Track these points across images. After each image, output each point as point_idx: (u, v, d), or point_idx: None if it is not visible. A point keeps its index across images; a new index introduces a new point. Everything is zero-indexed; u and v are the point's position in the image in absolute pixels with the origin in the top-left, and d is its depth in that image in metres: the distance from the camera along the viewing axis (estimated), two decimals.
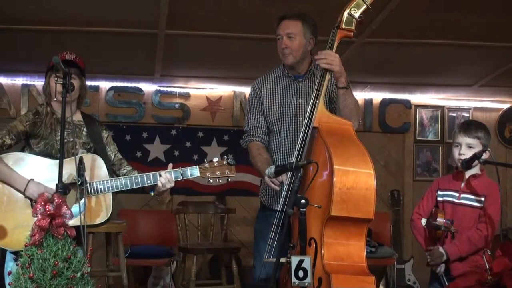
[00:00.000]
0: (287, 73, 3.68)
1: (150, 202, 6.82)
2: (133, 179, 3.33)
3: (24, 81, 6.66)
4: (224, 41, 5.44)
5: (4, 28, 5.07)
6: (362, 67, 5.98)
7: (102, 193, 3.29)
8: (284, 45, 3.56)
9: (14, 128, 3.37)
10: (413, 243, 6.67)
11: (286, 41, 3.56)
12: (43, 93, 3.64)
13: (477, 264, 3.52)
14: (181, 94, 7.02)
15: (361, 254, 3.02)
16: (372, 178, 3.01)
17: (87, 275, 2.65)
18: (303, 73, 3.66)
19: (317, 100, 3.23)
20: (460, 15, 4.76)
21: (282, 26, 3.59)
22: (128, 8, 4.74)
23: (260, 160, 3.61)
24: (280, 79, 3.71)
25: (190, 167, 3.40)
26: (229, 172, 3.41)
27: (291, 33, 3.55)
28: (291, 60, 3.59)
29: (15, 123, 3.40)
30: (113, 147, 3.62)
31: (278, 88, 3.69)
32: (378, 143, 7.24)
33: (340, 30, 3.31)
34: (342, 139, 3.15)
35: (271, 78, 3.74)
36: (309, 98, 3.53)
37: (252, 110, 3.74)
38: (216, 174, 3.40)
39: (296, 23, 3.56)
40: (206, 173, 3.38)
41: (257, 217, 3.84)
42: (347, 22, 3.29)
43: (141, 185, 3.35)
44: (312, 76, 3.65)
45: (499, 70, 6.16)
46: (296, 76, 3.67)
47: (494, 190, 3.59)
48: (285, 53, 3.58)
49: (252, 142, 3.70)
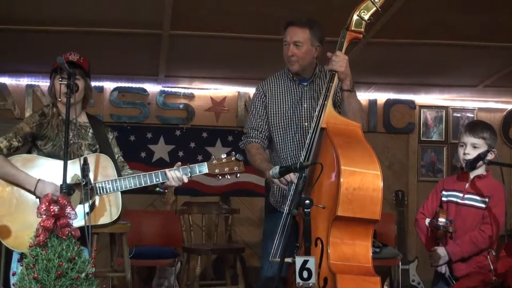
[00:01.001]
0: (292, 77, 3.66)
1: (155, 203, 6.83)
2: (141, 178, 3.32)
3: (29, 82, 6.68)
4: (228, 42, 5.44)
5: (8, 28, 5.08)
6: (367, 67, 5.98)
7: (111, 192, 3.28)
8: (290, 53, 3.54)
9: (20, 130, 3.36)
10: (418, 243, 6.67)
11: (293, 49, 3.53)
12: (48, 94, 3.64)
13: (482, 265, 3.51)
14: (185, 95, 7.03)
15: (367, 254, 3.02)
16: (379, 179, 3.01)
17: (92, 275, 2.64)
18: (309, 77, 3.65)
19: (326, 101, 3.23)
20: (464, 16, 4.76)
21: (290, 33, 3.56)
22: (132, 9, 4.75)
23: (259, 158, 3.59)
24: (285, 83, 3.69)
25: (198, 164, 3.38)
26: (238, 168, 3.38)
27: (298, 41, 3.52)
28: (297, 67, 3.58)
29: (21, 125, 3.39)
30: (117, 149, 3.62)
31: (283, 93, 3.67)
32: (383, 144, 7.23)
33: (350, 32, 3.31)
34: (350, 140, 3.15)
35: (276, 81, 3.72)
36: (315, 103, 3.53)
37: (254, 113, 3.72)
38: (225, 170, 3.37)
39: (304, 31, 3.53)
40: (215, 170, 3.37)
41: (265, 217, 3.85)
42: (357, 24, 3.30)
43: (150, 183, 3.33)
44: (317, 79, 3.64)
45: (503, 71, 6.15)
46: (301, 80, 3.65)
47: (499, 191, 3.57)
48: (291, 61, 3.56)
49: (251, 143, 3.69)
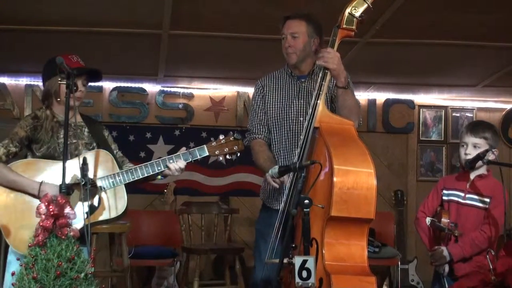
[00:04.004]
0: (291, 73, 3.68)
1: (154, 203, 6.83)
2: (143, 168, 3.30)
3: (28, 82, 6.68)
4: (227, 42, 5.44)
5: (8, 28, 5.07)
6: (366, 67, 5.98)
7: (115, 186, 3.28)
8: (287, 44, 3.57)
9: (16, 135, 3.33)
10: (417, 243, 6.67)
11: (289, 40, 3.57)
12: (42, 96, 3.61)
13: (481, 264, 3.51)
14: (184, 95, 7.03)
15: (362, 254, 2.99)
16: (373, 177, 2.97)
17: (91, 275, 2.64)
18: (307, 73, 3.66)
19: (318, 100, 3.22)
20: (464, 16, 4.76)
21: (286, 26, 3.60)
22: (131, 9, 4.75)
23: (263, 157, 3.61)
24: (283, 78, 3.71)
25: (198, 148, 3.37)
26: (237, 147, 3.36)
27: (294, 33, 3.56)
28: (295, 59, 3.59)
29: (16, 130, 3.35)
30: (114, 145, 3.62)
31: (280, 88, 3.69)
32: (382, 144, 7.24)
33: (341, 30, 3.29)
34: (343, 139, 3.13)
35: (274, 77, 3.75)
36: (311, 99, 3.53)
37: (255, 108, 3.74)
38: (225, 150, 3.36)
39: (300, 23, 3.58)
40: (215, 151, 3.35)
41: (258, 217, 3.84)
42: (348, 22, 3.27)
43: (152, 173, 3.32)
44: (315, 76, 3.64)
45: (502, 71, 6.15)
46: (300, 76, 3.67)
47: (499, 192, 3.57)
48: (288, 52, 3.59)
49: (255, 139, 3.70)
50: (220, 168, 6.90)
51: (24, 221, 3.17)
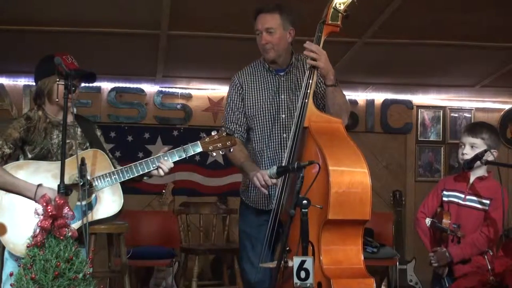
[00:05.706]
0: (268, 68, 3.61)
1: (152, 203, 6.83)
2: (138, 166, 3.30)
3: (26, 82, 6.66)
4: (226, 42, 5.44)
5: (6, 28, 5.07)
6: (364, 67, 5.98)
7: (110, 185, 3.27)
8: (264, 41, 3.50)
9: (9, 136, 3.30)
10: (415, 243, 6.66)
11: (266, 37, 3.49)
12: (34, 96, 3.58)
13: (479, 265, 3.52)
14: (183, 95, 7.02)
15: (358, 256, 2.97)
16: (367, 177, 2.95)
17: (89, 276, 2.64)
18: (285, 67, 3.59)
19: (306, 100, 3.18)
20: (462, 16, 4.76)
21: (260, 21, 3.52)
22: (130, 9, 4.75)
23: (242, 156, 3.54)
24: (261, 74, 3.64)
25: (191, 144, 3.36)
26: (230, 142, 3.35)
27: (270, 28, 3.48)
28: (273, 55, 3.53)
29: (9, 131, 3.32)
30: (105, 145, 3.61)
31: (259, 84, 3.62)
32: (380, 144, 7.23)
33: (326, 26, 3.27)
34: (333, 138, 3.10)
35: (252, 72, 3.67)
36: (292, 94, 3.48)
37: (231, 106, 3.66)
38: (218, 146, 3.36)
39: (274, 16, 3.49)
40: (209, 147, 3.35)
41: (241, 218, 3.74)
42: (333, 17, 3.25)
43: (147, 170, 3.31)
44: (294, 69, 3.59)
45: (501, 71, 6.16)
46: (278, 70, 3.60)
47: (499, 194, 3.55)
48: (266, 49, 3.52)
49: None
50: (218, 168, 6.91)
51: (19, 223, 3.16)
